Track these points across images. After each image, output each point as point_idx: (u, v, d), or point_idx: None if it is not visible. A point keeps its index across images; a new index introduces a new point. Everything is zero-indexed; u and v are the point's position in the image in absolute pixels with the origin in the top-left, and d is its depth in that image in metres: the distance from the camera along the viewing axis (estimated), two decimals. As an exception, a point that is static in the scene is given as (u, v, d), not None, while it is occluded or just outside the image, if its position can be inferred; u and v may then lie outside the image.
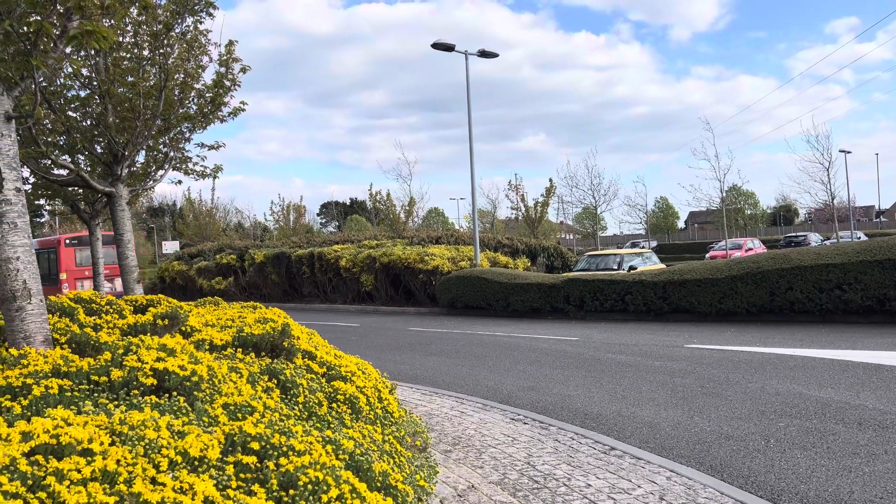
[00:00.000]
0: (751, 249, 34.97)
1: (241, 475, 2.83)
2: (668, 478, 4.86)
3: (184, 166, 10.56)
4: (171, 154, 10.13)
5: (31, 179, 10.68)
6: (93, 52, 8.35)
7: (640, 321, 14.41)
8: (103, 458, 2.46)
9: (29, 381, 3.51)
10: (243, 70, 9.62)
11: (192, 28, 9.14)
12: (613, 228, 74.04)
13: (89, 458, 2.45)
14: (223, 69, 9.52)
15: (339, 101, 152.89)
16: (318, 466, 2.93)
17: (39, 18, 4.49)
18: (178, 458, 2.70)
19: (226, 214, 56.81)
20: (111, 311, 5.54)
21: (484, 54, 21.31)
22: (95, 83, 8.82)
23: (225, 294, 24.98)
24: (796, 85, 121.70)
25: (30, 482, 2.27)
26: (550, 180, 39.86)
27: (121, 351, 3.95)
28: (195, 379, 3.65)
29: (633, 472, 5.00)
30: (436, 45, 20.40)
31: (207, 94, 9.56)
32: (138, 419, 2.85)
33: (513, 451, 5.68)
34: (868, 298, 11.89)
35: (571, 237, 65.14)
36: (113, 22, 7.23)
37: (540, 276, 17.28)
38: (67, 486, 2.28)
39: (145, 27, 8.74)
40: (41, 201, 13.95)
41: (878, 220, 74.01)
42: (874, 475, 4.72)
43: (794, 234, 47.64)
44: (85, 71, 8.90)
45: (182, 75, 9.22)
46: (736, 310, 13.31)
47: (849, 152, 45.43)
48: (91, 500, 2.26)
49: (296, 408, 4.10)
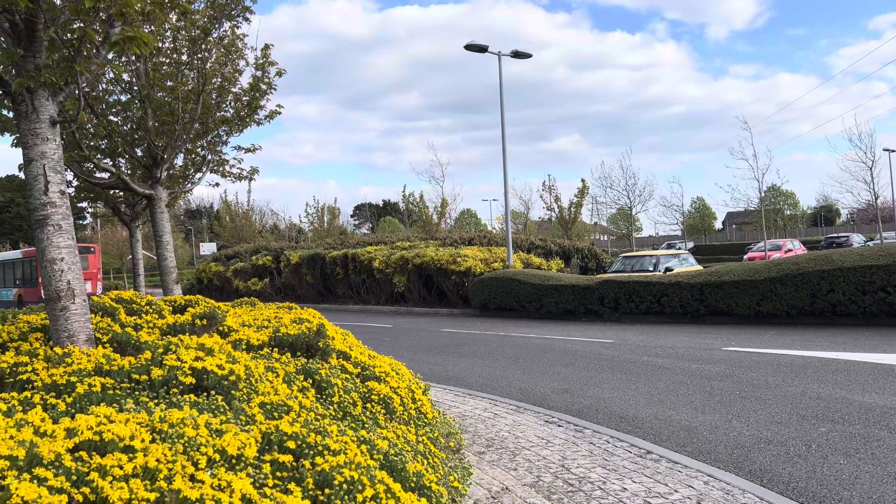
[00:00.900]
0: (790, 251, 34.22)
1: (278, 473, 2.86)
2: (705, 482, 4.78)
3: (221, 169, 10.73)
4: (209, 157, 10.31)
5: (75, 183, 10.96)
6: (133, 57, 8.54)
7: (677, 323, 14.21)
8: (144, 455, 2.50)
9: (73, 379, 3.60)
10: (279, 73, 9.74)
11: (229, 33, 9.30)
12: (649, 229, 73.21)
13: (131, 455, 2.50)
14: (259, 73, 9.66)
15: (372, 104, 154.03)
16: (353, 466, 2.95)
17: (83, 25, 4.60)
18: (217, 456, 2.74)
19: (261, 216, 57.59)
20: (151, 311, 5.65)
21: (517, 55, 21.25)
22: (136, 88, 9.02)
23: (261, 295, 25.32)
24: (838, 82, 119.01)
25: (74, 477, 2.33)
26: (583, 181, 39.55)
27: (161, 350, 4.03)
28: (233, 378, 3.70)
29: (669, 477, 4.93)
30: (469, 47, 20.41)
31: (244, 98, 9.71)
32: (178, 417, 2.90)
33: (547, 453, 5.64)
34: (914, 301, 11.55)
35: (605, 238, 64.59)
36: (153, 28, 7.38)
37: (574, 278, 17.15)
38: (110, 482, 2.33)
39: (184, 32, 8.91)
40: (84, 204, 14.31)
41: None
42: (921, 483, 4.58)
43: (835, 235, 46.55)
44: (126, 76, 9.11)
45: (219, 79, 9.37)
46: (775, 312, 13.05)
47: (893, 151, 44.16)
48: (133, 497, 2.31)
49: (331, 407, 4.13)
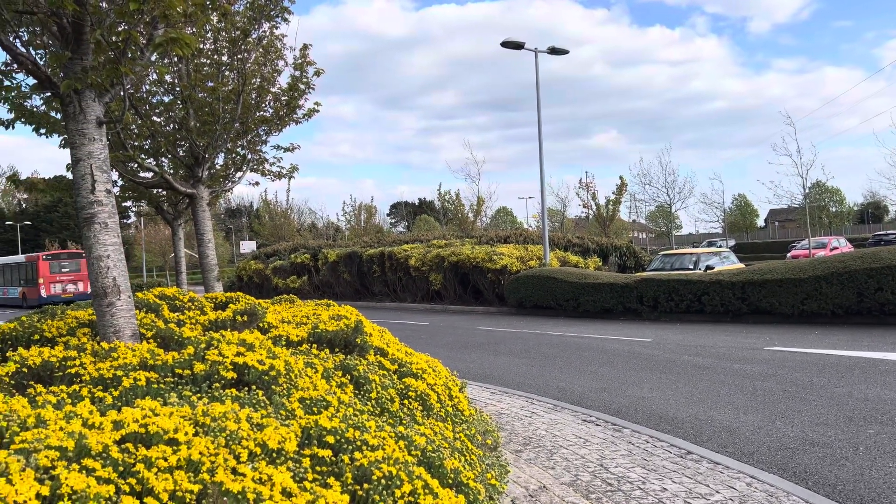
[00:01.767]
0: (836, 248, 33.32)
1: (317, 468, 2.89)
2: (748, 484, 4.68)
3: (261, 168, 10.88)
4: (249, 156, 10.46)
5: (120, 182, 11.22)
6: (176, 59, 8.71)
7: (718, 322, 13.96)
8: (188, 448, 2.55)
9: (119, 373, 3.69)
10: (317, 73, 9.83)
11: (268, 33, 9.42)
12: (689, 227, 72.04)
13: (175, 448, 2.55)
14: (298, 73, 9.76)
15: (409, 103, 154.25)
16: (391, 461, 2.96)
17: (127, 27, 4.71)
18: (258, 450, 2.78)
19: (300, 215, 58.32)
20: (193, 307, 5.76)
21: (554, 51, 21.10)
22: (178, 89, 9.20)
23: (299, 292, 25.62)
24: (886, 75, 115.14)
25: (121, 468, 2.38)
26: (621, 178, 39.10)
27: (203, 346, 4.10)
28: (273, 373, 3.75)
29: (710, 477, 4.85)
30: (505, 44, 20.34)
31: (283, 98, 9.83)
32: (220, 411, 2.95)
33: (585, 452, 5.59)
34: (968, 300, 11.15)
35: (644, 236, 63.76)
36: (194, 29, 7.52)
37: (612, 276, 16.97)
38: (155, 474, 2.38)
39: (224, 33, 9.06)
40: (128, 203, 14.65)
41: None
42: (976, 488, 4.42)
43: (883, 233, 45.20)
44: (168, 77, 9.30)
45: (259, 79, 9.51)
46: (820, 311, 12.72)
47: (945, 145, 42.66)
48: (177, 488, 2.35)
49: (368, 403, 4.16)
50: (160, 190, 11.30)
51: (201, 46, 9.14)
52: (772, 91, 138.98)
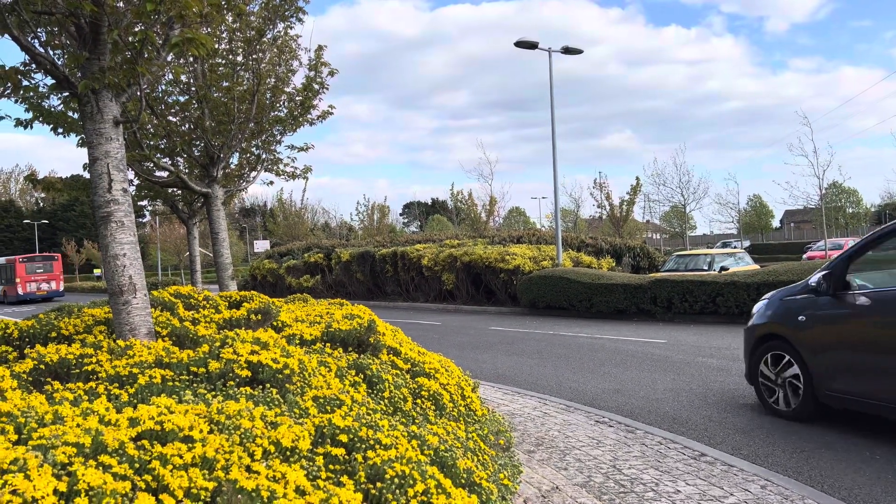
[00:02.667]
0: (853, 250, 32.96)
1: (331, 466, 2.90)
2: (762, 486, 4.65)
3: (275, 168, 10.93)
4: (263, 156, 10.51)
5: (135, 181, 11.31)
6: (192, 59, 8.76)
7: (733, 324, 13.85)
8: (203, 446, 2.57)
9: (135, 370, 3.72)
10: (331, 73, 9.86)
11: (282, 33, 9.46)
12: (703, 228, 71.64)
13: (190, 445, 2.57)
14: (312, 73, 9.80)
15: (422, 103, 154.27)
16: (403, 461, 2.97)
17: (144, 28, 4.74)
18: (272, 448, 2.79)
19: (313, 215, 58.52)
20: (208, 306, 5.80)
21: (567, 51, 21.04)
22: (193, 89, 9.26)
23: (312, 291, 25.71)
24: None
25: (136, 465, 2.40)
26: (637, 178, 39.00)
27: (217, 344, 4.13)
28: (287, 372, 3.77)
29: (724, 480, 4.82)
30: (519, 44, 20.30)
31: (297, 98, 9.87)
32: (234, 409, 2.97)
33: (598, 453, 5.58)
34: None
35: (658, 237, 63.47)
36: (210, 30, 7.57)
37: (625, 277, 16.90)
38: (170, 471, 2.39)
39: (239, 34, 9.10)
40: (143, 202, 14.76)
41: None
42: None
43: (901, 234, 44.67)
44: (184, 77, 9.36)
45: (273, 79, 9.55)
46: (837, 313, 12.59)
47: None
48: (192, 485, 2.37)
49: (381, 402, 4.17)
50: (175, 189, 11.38)
51: (216, 46, 9.20)
52: (788, 91, 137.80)
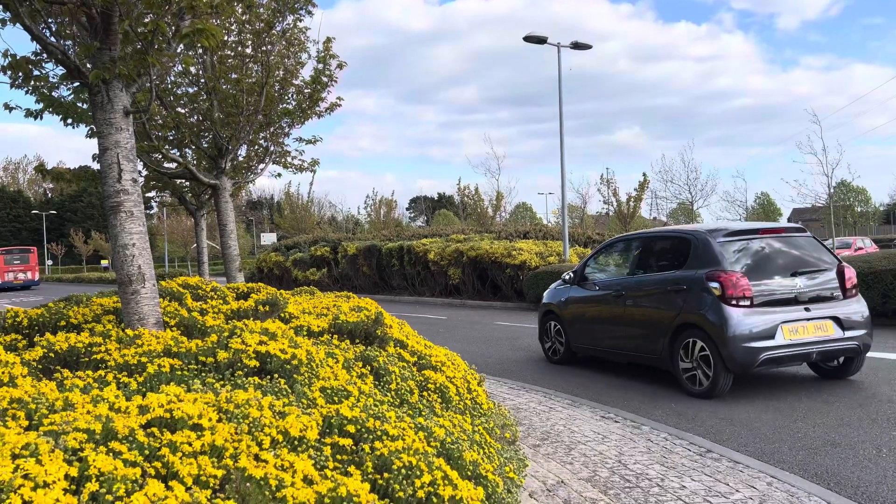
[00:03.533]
0: (861, 249, 32.82)
1: (338, 456, 2.91)
2: (768, 483, 4.64)
3: (283, 160, 10.95)
4: (272, 148, 10.53)
5: (144, 172, 11.35)
6: (201, 50, 8.78)
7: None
8: (212, 434, 2.58)
9: (143, 359, 3.74)
10: (340, 66, 9.86)
11: (291, 26, 9.46)
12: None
13: (199, 433, 2.59)
14: (321, 65, 9.80)
15: (430, 98, 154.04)
16: (411, 452, 2.97)
17: (155, 18, 4.75)
18: (280, 437, 2.81)
19: (320, 208, 58.55)
20: (216, 296, 5.82)
21: (577, 46, 20.97)
22: (202, 80, 9.28)
23: (318, 284, 25.77)
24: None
25: (146, 452, 2.42)
26: (644, 174, 38.80)
27: (226, 334, 4.14)
28: (295, 362, 3.78)
29: (730, 476, 4.81)
30: (528, 38, 20.25)
31: (306, 90, 9.87)
32: (243, 398, 2.98)
33: (603, 448, 5.58)
34: None
35: (664, 234, 63.17)
36: (220, 21, 7.57)
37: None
38: (180, 458, 2.41)
39: (248, 25, 9.11)
40: (151, 193, 14.81)
41: None
42: None
43: (910, 234, 44.46)
44: (193, 69, 9.38)
45: (282, 72, 9.56)
46: (844, 312, 12.53)
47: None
48: (201, 473, 2.38)
49: (388, 394, 4.18)
50: (184, 180, 11.42)
51: (226, 38, 9.21)
52: (799, 88, 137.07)
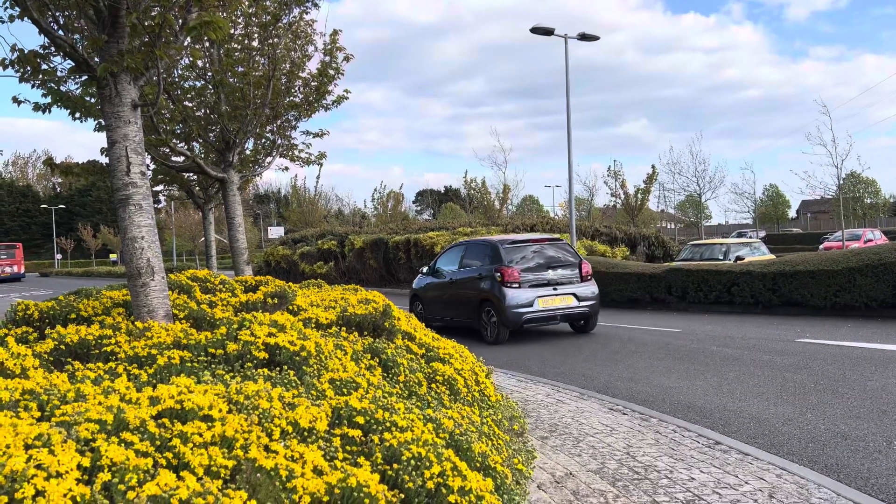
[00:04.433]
0: (870, 241, 32.63)
1: (348, 447, 2.92)
2: (777, 475, 4.63)
3: (290, 153, 10.95)
4: (279, 141, 10.53)
5: (152, 166, 11.37)
6: (207, 43, 8.78)
7: (747, 314, 13.78)
8: (222, 425, 2.59)
9: (153, 351, 3.76)
10: (346, 59, 9.85)
11: (298, 18, 9.44)
12: (718, 217, 71.01)
13: (209, 424, 2.60)
14: (327, 58, 9.79)
15: (437, 91, 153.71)
16: (420, 443, 2.98)
17: (162, 11, 4.75)
18: (289, 429, 2.82)
19: (327, 202, 58.62)
20: (224, 289, 5.84)
21: (584, 37, 20.86)
22: (209, 74, 9.28)
23: (325, 278, 25.81)
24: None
25: (157, 443, 2.43)
26: (653, 167, 38.69)
27: (235, 326, 4.15)
28: (304, 354, 3.79)
29: (739, 468, 4.80)
30: (535, 30, 20.15)
31: (312, 83, 9.87)
32: (253, 390, 2.99)
33: (611, 440, 5.57)
34: None
35: (673, 226, 63.07)
36: (226, 14, 7.57)
37: (639, 266, 16.82)
38: (191, 448, 2.42)
39: (255, 18, 9.10)
40: (159, 187, 14.85)
41: None
42: None
43: (920, 225, 44.14)
44: (200, 62, 9.38)
45: (288, 65, 9.55)
46: (853, 304, 12.48)
47: None
48: (212, 463, 2.39)
49: (397, 386, 4.19)
50: (191, 174, 11.44)
51: (232, 31, 9.20)
52: (808, 79, 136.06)
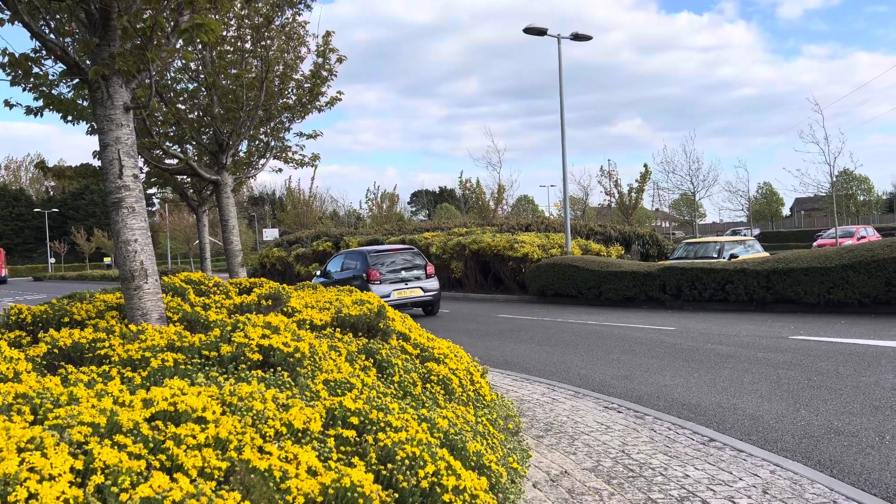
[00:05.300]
0: (864, 237, 32.77)
1: (342, 448, 2.93)
2: (771, 471, 4.65)
3: (284, 155, 10.95)
4: (272, 143, 10.53)
5: (145, 168, 11.35)
6: (200, 46, 8.77)
7: (742, 311, 13.83)
8: (216, 427, 2.60)
9: (147, 354, 3.75)
10: (339, 60, 9.85)
11: (290, 20, 9.44)
12: (713, 216, 71.25)
13: (203, 426, 2.60)
14: (320, 60, 9.79)
15: (432, 91, 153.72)
16: (414, 443, 2.99)
17: (154, 13, 4.75)
18: (283, 430, 2.82)
19: (322, 203, 58.55)
20: (218, 292, 5.83)
21: (577, 37, 20.90)
22: (202, 76, 9.27)
23: (321, 279, 25.76)
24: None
25: (151, 445, 2.44)
26: (645, 165, 38.79)
27: (229, 328, 4.16)
28: (298, 356, 3.79)
29: (733, 465, 4.82)
30: (528, 30, 20.18)
31: (306, 85, 9.87)
32: (246, 391, 3.00)
33: (606, 438, 5.59)
34: None
35: (667, 225, 63.21)
36: (218, 16, 7.56)
37: (634, 264, 16.87)
38: (184, 451, 2.43)
39: (247, 20, 9.09)
40: (153, 190, 14.82)
41: None
42: None
43: (913, 222, 44.36)
44: (192, 64, 9.37)
45: (281, 66, 9.54)
46: (847, 301, 12.54)
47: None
48: (205, 465, 2.40)
49: (391, 387, 4.20)
50: (185, 177, 11.42)
51: (225, 33, 9.20)
52: (802, 78, 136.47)
